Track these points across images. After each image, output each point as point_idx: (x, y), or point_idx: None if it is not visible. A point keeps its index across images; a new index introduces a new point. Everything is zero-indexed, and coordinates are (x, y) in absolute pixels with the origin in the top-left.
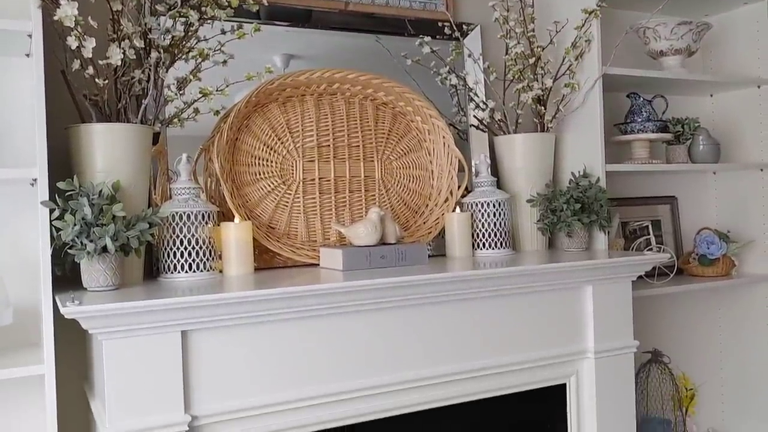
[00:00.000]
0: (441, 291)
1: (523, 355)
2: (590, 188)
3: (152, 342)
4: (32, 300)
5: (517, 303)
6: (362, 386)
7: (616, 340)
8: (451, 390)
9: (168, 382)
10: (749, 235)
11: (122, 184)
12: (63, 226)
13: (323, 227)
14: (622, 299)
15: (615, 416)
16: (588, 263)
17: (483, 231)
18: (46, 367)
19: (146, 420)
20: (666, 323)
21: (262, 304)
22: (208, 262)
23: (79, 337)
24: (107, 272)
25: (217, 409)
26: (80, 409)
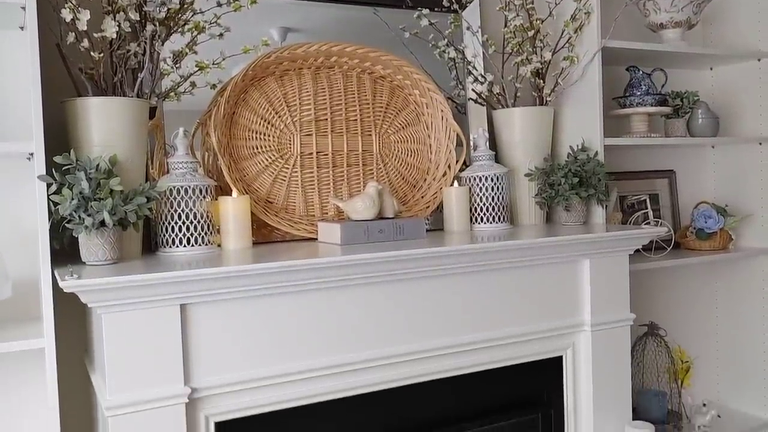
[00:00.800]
0: (439, 265)
1: (521, 328)
2: (588, 162)
3: (151, 315)
4: (31, 274)
5: (515, 276)
6: (361, 359)
7: (612, 313)
8: (448, 362)
9: (167, 355)
10: (747, 209)
11: (119, 159)
12: (60, 201)
13: (321, 201)
14: (619, 273)
15: (611, 388)
16: (585, 237)
17: (481, 205)
18: (46, 341)
19: (146, 392)
20: (663, 297)
21: (260, 277)
22: (206, 237)
23: (78, 311)
24: (105, 246)
25: (216, 382)
26: (81, 381)
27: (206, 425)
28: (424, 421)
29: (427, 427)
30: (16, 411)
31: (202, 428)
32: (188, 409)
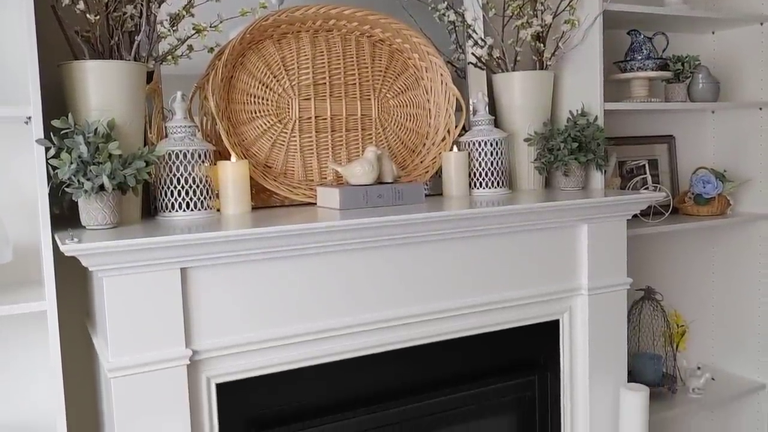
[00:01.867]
0: (438, 230)
1: (518, 292)
2: (588, 127)
3: (152, 279)
4: (31, 238)
5: (513, 241)
6: (360, 322)
7: (609, 277)
8: (446, 326)
9: (168, 318)
10: (746, 174)
11: (117, 122)
12: (59, 165)
13: (320, 166)
14: (617, 238)
15: (607, 351)
16: (583, 202)
17: (480, 170)
18: (48, 304)
19: (148, 354)
20: (660, 261)
21: (260, 241)
22: (205, 201)
23: (79, 275)
24: (105, 210)
25: (217, 344)
26: (82, 344)
27: (207, 386)
28: (422, 383)
29: (425, 389)
30: (19, 373)
31: (203, 389)
32: (190, 370)
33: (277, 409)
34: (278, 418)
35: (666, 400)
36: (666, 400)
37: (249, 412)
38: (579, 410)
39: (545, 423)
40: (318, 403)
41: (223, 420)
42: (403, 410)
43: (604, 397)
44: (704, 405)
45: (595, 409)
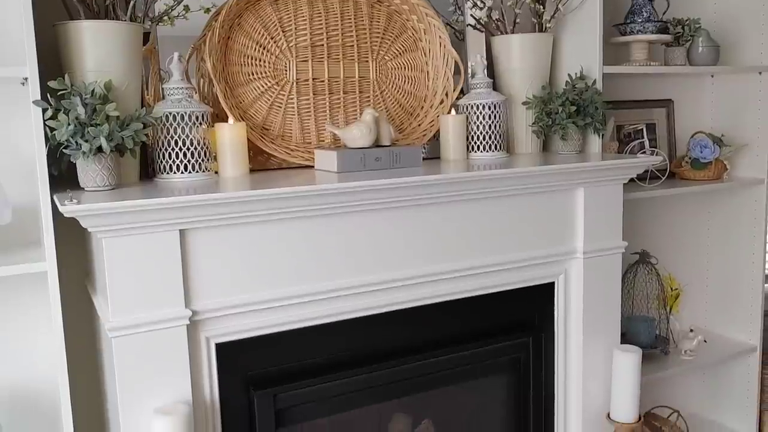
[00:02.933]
0: (435, 193)
1: (514, 254)
2: (586, 90)
3: (151, 240)
4: (30, 199)
5: (510, 204)
6: (356, 284)
7: (605, 241)
8: (442, 288)
9: (168, 279)
10: (743, 139)
11: (114, 84)
12: (57, 126)
13: (318, 129)
14: (613, 201)
15: (601, 314)
16: (580, 165)
17: (478, 133)
18: (48, 264)
19: (148, 314)
20: (655, 225)
21: (258, 204)
22: (203, 163)
23: (78, 236)
24: (103, 172)
25: (216, 305)
26: (83, 304)
27: (207, 346)
28: (418, 344)
29: (421, 350)
30: (20, 334)
31: (203, 349)
32: (189, 330)
33: (275, 369)
34: (276, 378)
35: (658, 362)
36: (658, 362)
37: (248, 372)
38: (572, 371)
39: (539, 383)
40: (315, 363)
41: (222, 379)
42: (399, 370)
43: (597, 358)
44: (696, 367)
45: (588, 369)
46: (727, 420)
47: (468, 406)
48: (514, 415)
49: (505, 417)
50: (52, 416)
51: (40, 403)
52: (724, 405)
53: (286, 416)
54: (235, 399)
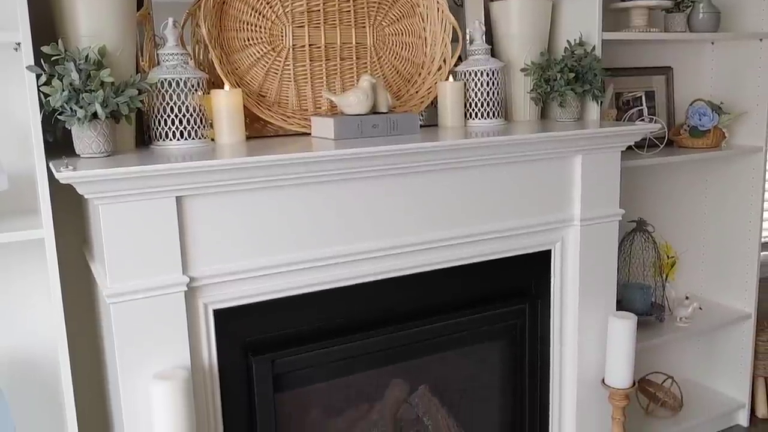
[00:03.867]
0: (432, 160)
1: (511, 222)
2: (585, 57)
3: (148, 207)
4: (26, 166)
5: (508, 172)
6: (353, 251)
7: (602, 208)
8: (439, 255)
9: (165, 245)
10: (742, 106)
11: (108, 49)
12: (51, 92)
13: (314, 96)
14: (611, 169)
15: (597, 281)
16: (578, 133)
17: (476, 100)
18: (45, 231)
19: (146, 281)
20: (653, 193)
21: (254, 171)
22: (199, 130)
23: (75, 202)
24: (99, 139)
25: (214, 271)
26: (81, 271)
27: (205, 312)
28: (415, 311)
29: (418, 316)
30: (18, 301)
31: (201, 315)
32: (187, 297)
33: (273, 335)
34: (274, 344)
35: (654, 329)
36: (654, 329)
37: (246, 338)
38: (568, 337)
39: (535, 349)
40: (313, 329)
41: (220, 345)
42: (397, 336)
43: (592, 324)
44: (691, 333)
45: (583, 336)
46: (720, 386)
47: (465, 372)
48: (510, 381)
49: (501, 382)
50: (52, 383)
51: (40, 369)
52: (718, 371)
53: (284, 381)
54: (233, 364)
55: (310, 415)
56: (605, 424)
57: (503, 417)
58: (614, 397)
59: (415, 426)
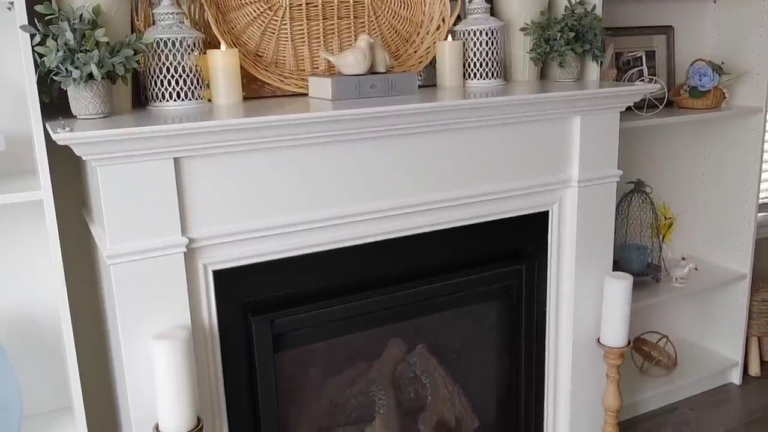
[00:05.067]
0: (431, 121)
1: (509, 183)
2: (586, 16)
3: (146, 168)
4: (23, 128)
5: (506, 133)
6: (350, 213)
7: (600, 169)
8: (437, 217)
9: (164, 207)
10: (743, 66)
11: (102, 9)
12: (46, 52)
13: (311, 56)
14: (610, 130)
15: (594, 242)
16: (577, 94)
17: (474, 60)
18: (44, 193)
19: (145, 242)
20: (651, 154)
21: (252, 132)
22: (196, 91)
23: (73, 164)
24: (95, 100)
25: (213, 233)
26: (80, 232)
27: (205, 273)
28: (414, 272)
29: (417, 277)
30: (18, 262)
31: (200, 276)
32: (187, 258)
33: (272, 296)
34: (274, 304)
35: (650, 289)
36: (650, 289)
37: (245, 298)
38: (564, 297)
39: (531, 309)
40: (312, 289)
41: (220, 305)
42: (395, 296)
43: (589, 285)
44: (686, 294)
45: (579, 296)
46: (714, 345)
47: (462, 331)
48: (506, 340)
49: (498, 342)
50: (54, 342)
51: (42, 329)
52: (713, 331)
53: (283, 341)
54: (233, 324)
55: (309, 373)
56: (600, 383)
57: (500, 375)
58: (609, 356)
59: (413, 384)
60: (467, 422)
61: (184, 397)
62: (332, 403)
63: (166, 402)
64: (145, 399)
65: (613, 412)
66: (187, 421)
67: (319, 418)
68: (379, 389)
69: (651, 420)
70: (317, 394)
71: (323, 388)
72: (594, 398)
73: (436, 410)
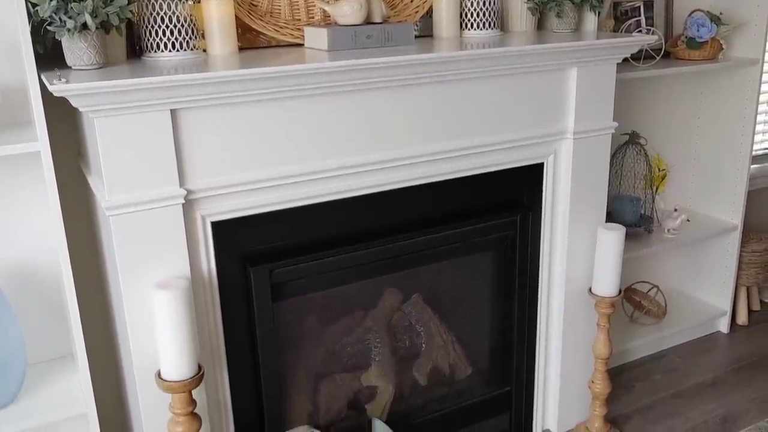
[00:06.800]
0: (427, 72)
1: (505, 135)
2: None
3: (142, 120)
4: (17, 80)
5: (503, 84)
6: (346, 164)
7: (595, 121)
8: (433, 168)
9: (161, 158)
10: (742, 17)
11: None
12: (39, 2)
13: (307, 5)
14: (606, 81)
15: (588, 193)
16: (574, 44)
17: (471, 10)
18: (41, 144)
19: (143, 194)
20: (647, 106)
21: (248, 83)
22: (191, 41)
23: (69, 115)
24: (90, 50)
25: (210, 184)
26: (77, 183)
27: (203, 225)
28: (410, 223)
29: (413, 228)
30: (16, 214)
31: (199, 227)
32: (185, 209)
33: (271, 246)
34: (272, 255)
35: (642, 240)
36: (642, 240)
37: (244, 249)
38: (557, 248)
39: (525, 259)
40: (310, 240)
41: (219, 256)
42: (392, 247)
43: (582, 236)
44: (678, 245)
45: (572, 246)
46: (703, 295)
47: (457, 281)
48: (500, 290)
49: (492, 291)
50: (55, 292)
51: (42, 280)
52: (703, 281)
53: (282, 290)
54: (232, 275)
55: (307, 322)
56: (591, 331)
57: (493, 324)
58: (600, 305)
59: (409, 333)
60: (461, 369)
61: (184, 346)
62: (329, 350)
63: (167, 350)
64: (146, 347)
65: (602, 359)
66: (188, 369)
67: (316, 366)
68: (375, 337)
69: (640, 367)
70: (315, 342)
71: (321, 336)
72: (585, 346)
73: (431, 358)
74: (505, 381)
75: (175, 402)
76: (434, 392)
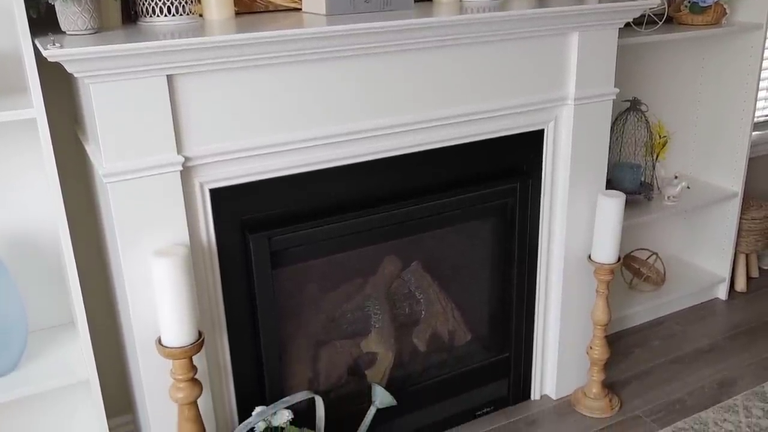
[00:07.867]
0: (426, 37)
1: (506, 101)
2: None
3: (139, 85)
4: (10, 45)
5: (503, 50)
6: (345, 131)
7: (597, 87)
8: (434, 135)
9: (159, 125)
10: None
11: None
12: None
13: None
14: (607, 47)
15: (588, 160)
16: (575, 8)
17: None
18: (36, 111)
19: (141, 160)
20: (649, 72)
21: (246, 48)
22: (187, 6)
23: (63, 81)
24: (84, 15)
25: (208, 151)
26: (74, 149)
27: (201, 191)
28: (411, 190)
29: (413, 195)
30: (13, 181)
31: (197, 194)
32: (183, 176)
33: (269, 213)
34: (271, 222)
35: (641, 207)
36: (641, 207)
37: (243, 216)
38: (557, 215)
39: (524, 226)
40: (309, 207)
41: (218, 223)
42: (392, 214)
43: (582, 202)
44: (678, 212)
45: (572, 213)
46: (702, 261)
47: (457, 248)
48: (500, 257)
49: (491, 258)
50: (54, 260)
51: (42, 248)
52: (702, 248)
53: (281, 258)
54: (231, 242)
55: (307, 288)
56: (590, 298)
57: (492, 291)
58: (599, 272)
59: (408, 299)
60: (460, 335)
61: (184, 313)
62: (329, 317)
63: (167, 317)
64: (146, 315)
65: (601, 325)
66: (188, 335)
67: (316, 332)
68: (375, 304)
69: (638, 333)
70: (315, 309)
71: (321, 303)
72: (584, 312)
73: (430, 324)
74: (504, 347)
75: (175, 368)
76: (433, 358)
